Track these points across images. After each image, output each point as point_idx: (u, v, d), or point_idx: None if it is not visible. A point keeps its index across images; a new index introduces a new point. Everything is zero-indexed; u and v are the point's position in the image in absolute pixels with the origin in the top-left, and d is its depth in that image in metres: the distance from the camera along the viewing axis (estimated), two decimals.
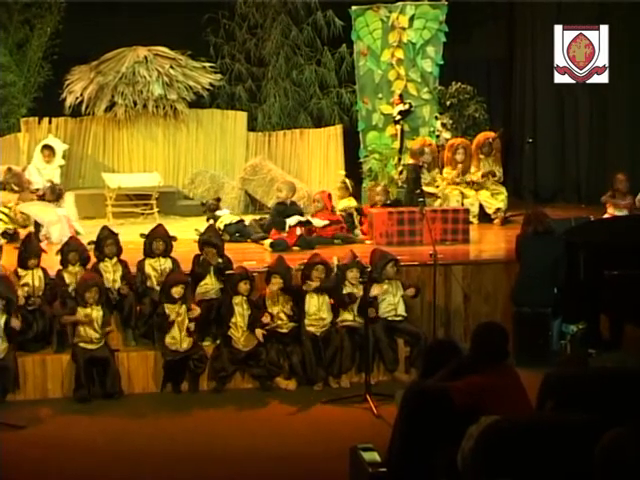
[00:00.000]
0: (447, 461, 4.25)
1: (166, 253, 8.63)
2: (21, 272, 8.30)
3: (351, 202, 11.39)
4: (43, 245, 9.22)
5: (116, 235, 8.61)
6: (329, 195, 11.03)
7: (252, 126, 14.33)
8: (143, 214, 12.57)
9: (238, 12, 14.44)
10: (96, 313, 7.96)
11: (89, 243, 8.87)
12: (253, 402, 7.73)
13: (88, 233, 9.98)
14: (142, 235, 8.91)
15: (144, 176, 13.40)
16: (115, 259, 8.50)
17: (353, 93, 13.94)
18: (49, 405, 7.69)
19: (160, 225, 9.00)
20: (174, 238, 8.83)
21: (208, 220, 10.80)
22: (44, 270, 8.39)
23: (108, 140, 13.85)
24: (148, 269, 8.54)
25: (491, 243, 10.82)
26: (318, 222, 10.56)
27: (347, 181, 11.64)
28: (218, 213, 11.01)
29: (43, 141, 12.98)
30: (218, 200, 11.49)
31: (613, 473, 3.02)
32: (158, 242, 8.62)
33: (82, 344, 7.87)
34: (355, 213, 11.08)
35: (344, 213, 11.04)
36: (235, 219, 10.95)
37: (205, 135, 14.05)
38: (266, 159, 13.64)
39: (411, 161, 11.88)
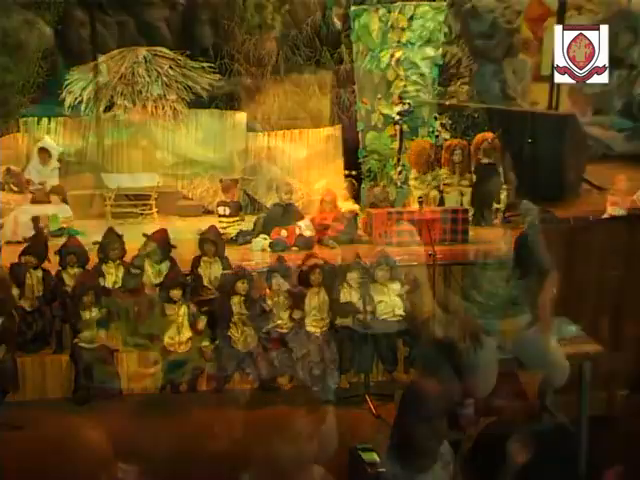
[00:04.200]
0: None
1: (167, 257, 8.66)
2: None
3: (353, 205, 11.33)
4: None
5: (122, 238, 8.63)
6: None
7: (251, 126, 14.32)
8: (142, 214, 12.57)
9: (237, 12, 14.44)
10: (95, 313, 7.98)
11: (94, 243, 8.86)
12: (252, 402, 7.73)
13: (89, 233, 9.94)
14: (145, 235, 8.92)
15: (143, 176, 13.40)
16: (118, 261, 8.52)
17: (352, 93, 13.94)
18: (48, 405, 7.70)
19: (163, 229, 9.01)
20: (173, 246, 8.84)
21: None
22: (47, 271, 8.39)
23: (107, 140, 13.84)
24: (147, 269, 8.54)
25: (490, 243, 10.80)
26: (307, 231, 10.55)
27: (353, 181, 11.61)
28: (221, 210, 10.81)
29: (39, 143, 12.99)
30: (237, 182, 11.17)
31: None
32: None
33: (81, 344, 7.87)
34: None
35: (349, 215, 11.02)
36: (238, 228, 10.69)
37: (204, 135, 14.03)
38: (265, 159, 13.64)
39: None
